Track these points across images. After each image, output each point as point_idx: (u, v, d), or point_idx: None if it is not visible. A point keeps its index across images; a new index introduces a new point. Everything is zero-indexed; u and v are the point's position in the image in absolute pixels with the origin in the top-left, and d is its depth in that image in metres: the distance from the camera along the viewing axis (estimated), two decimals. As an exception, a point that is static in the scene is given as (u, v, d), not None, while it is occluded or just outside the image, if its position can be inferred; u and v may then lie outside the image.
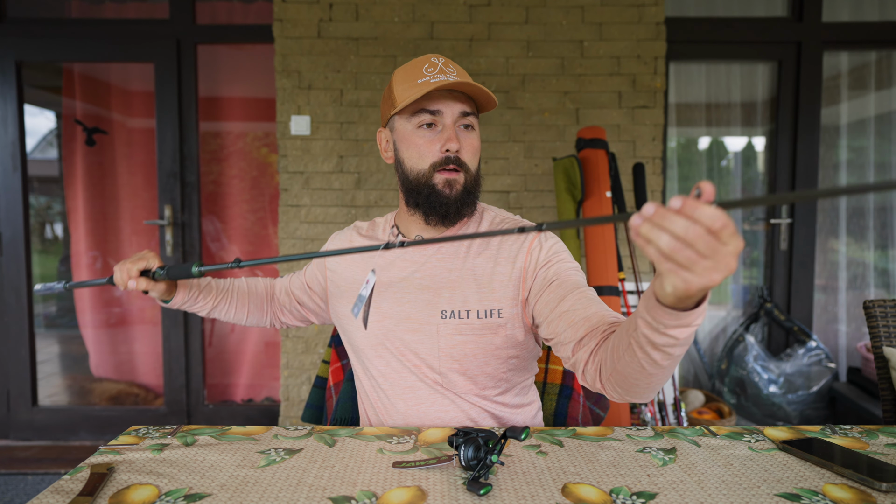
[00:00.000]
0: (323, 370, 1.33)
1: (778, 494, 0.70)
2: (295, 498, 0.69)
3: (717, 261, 0.49)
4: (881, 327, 1.38)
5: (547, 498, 0.69)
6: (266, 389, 2.85)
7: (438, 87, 0.89)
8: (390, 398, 1.00)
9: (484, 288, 0.95)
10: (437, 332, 0.95)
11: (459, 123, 0.94)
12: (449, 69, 0.93)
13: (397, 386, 0.99)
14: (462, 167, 0.94)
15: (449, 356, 0.95)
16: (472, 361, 0.95)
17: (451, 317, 0.94)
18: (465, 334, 0.94)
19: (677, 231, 0.48)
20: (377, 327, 0.99)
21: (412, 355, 0.97)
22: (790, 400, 2.56)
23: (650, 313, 0.61)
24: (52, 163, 2.84)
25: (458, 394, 0.98)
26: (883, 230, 2.81)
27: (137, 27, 2.62)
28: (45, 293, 0.99)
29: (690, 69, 2.82)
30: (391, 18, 2.47)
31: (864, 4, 2.74)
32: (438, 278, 0.97)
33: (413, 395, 0.99)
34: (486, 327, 0.94)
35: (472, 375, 0.96)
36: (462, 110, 0.94)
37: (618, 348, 0.71)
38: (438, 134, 0.93)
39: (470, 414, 0.99)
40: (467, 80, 0.91)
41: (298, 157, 2.50)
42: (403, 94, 0.93)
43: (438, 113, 0.93)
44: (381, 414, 1.03)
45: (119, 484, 0.72)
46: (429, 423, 0.99)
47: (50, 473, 2.32)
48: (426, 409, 0.98)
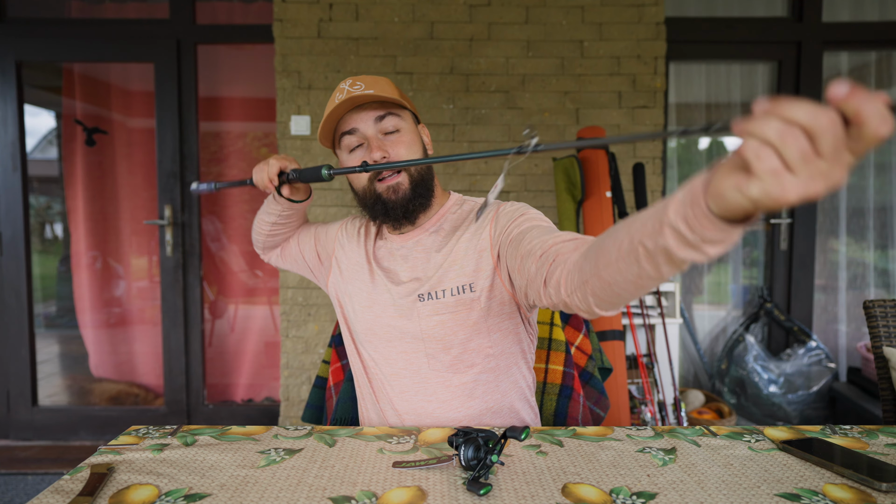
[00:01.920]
0: (323, 370, 1.33)
1: (778, 494, 0.70)
2: (295, 498, 0.69)
3: (834, 165, 0.39)
4: (881, 327, 1.38)
5: (547, 498, 0.69)
6: (266, 389, 2.85)
7: (337, 109, 0.94)
8: (383, 384, 1.04)
9: (455, 265, 0.98)
10: (418, 314, 0.97)
11: (380, 131, 0.97)
12: (355, 87, 0.94)
13: (388, 370, 1.02)
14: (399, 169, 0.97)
15: (431, 336, 0.97)
16: (454, 338, 0.97)
17: (428, 298, 0.97)
18: (442, 313, 0.96)
19: (800, 117, 0.39)
20: (367, 313, 1.03)
21: (398, 340, 1.01)
22: (790, 400, 2.56)
23: (690, 224, 0.49)
24: (52, 163, 2.84)
25: (448, 372, 0.99)
26: (883, 230, 2.81)
27: (137, 27, 2.62)
28: (198, 192, 1.07)
29: (690, 69, 2.82)
30: (391, 18, 2.46)
31: (865, 4, 2.74)
32: (419, 268, 1.02)
33: (406, 378, 1.01)
34: (460, 303, 0.96)
35: (458, 353, 0.98)
36: (375, 116, 0.96)
37: (605, 254, 0.62)
38: (365, 150, 0.97)
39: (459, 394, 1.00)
40: (374, 89, 0.94)
41: (298, 157, 2.50)
42: (322, 130, 1.00)
43: (355, 131, 0.97)
44: (379, 401, 1.05)
45: (119, 484, 0.72)
46: (421, 408, 1.00)
47: (50, 473, 2.32)
48: (417, 392, 1.00)
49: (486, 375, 1.00)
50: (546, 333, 1.24)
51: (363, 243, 1.10)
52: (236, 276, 2.83)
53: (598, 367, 1.33)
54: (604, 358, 1.35)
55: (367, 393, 1.07)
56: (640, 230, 0.56)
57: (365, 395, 1.09)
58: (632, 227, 0.58)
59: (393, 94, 0.96)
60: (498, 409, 1.02)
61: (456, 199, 1.08)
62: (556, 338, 1.25)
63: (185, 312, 2.68)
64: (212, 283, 2.80)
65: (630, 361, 2.32)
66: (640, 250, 0.56)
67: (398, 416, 1.02)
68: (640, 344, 2.41)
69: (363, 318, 1.04)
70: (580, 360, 1.30)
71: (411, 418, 1.01)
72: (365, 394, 1.08)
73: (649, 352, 2.30)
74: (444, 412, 1.00)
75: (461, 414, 1.00)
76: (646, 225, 0.55)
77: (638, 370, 2.28)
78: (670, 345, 2.32)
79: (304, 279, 2.52)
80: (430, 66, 2.48)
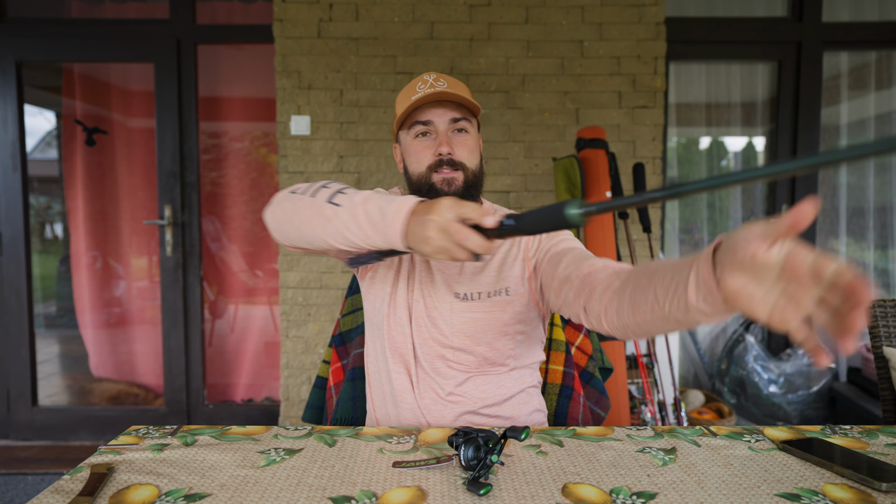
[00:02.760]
0: (323, 370, 1.33)
1: (778, 494, 0.70)
2: (295, 498, 0.69)
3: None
4: (881, 327, 1.38)
5: (547, 498, 0.69)
6: (266, 389, 2.85)
7: (421, 98, 0.99)
8: (416, 377, 1.04)
9: (493, 270, 1.04)
10: (451, 309, 1.03)
11: (452, 129, 1.03)
12: (439, 83, 1.02)
13: (414, 361, 1.04)
14: (458, 166, 1.02)
15: (461, 332, 1.02)
16: (483, 336, 1.02)
17: (466, 298, 1.03)
18: (476, 312, 1.03)
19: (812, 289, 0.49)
20: (403, 300, 1.06)
21: (427, 331, 1.04)
22: (790, 400, 2.56)
23: (711, 309, 0.58)
24: (52, 163, 2.84)
25: (464, 370, 1.03)
26: (883, 230, 2.81)
27: (137, 27, 2.62)
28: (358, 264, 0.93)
29: (690, 69, 2.82)
30: (391, 18, 2.46)
31: (865, 4, 2.74)
32: (453, 265, 1.06)
33: (433, 374, 1.03)
34: (495, 305, 1.03)
35: (482, 352, 1.03)
36: (452, 117, 1.02)
37: (641, 312, 0.71)
38: (433, 141, 1.03)
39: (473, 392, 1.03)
40: (456, 90, 1.01)
41: (298, 157, 2.50)
42: (400, 110, 1.05)
43: (430, 122, 1.02)
44: (396, 393, 1.05)
45: (119, 484, 0.72)
46: (443, 405, 1.01)
47: (50, 473, 2.32)
48: (433, 386, 1.03)
49: (506, 374, 1.05)
50: (546, 333, 1.24)
51: None
52: (236, 276, 2.83)
53: (599, 367, 1.33)
54: (604, 358, 1.35)
55: (388, 390, 1.07)
56: (669, 304, 0.64)
57: (387, 392, 1.08)
58: (658, 293, 0.66)
59: (471, 103, 1.03)
60: (513, 405, 1.06)
61: (488, 205, 1.15)
62: (556, 338, 1.25)
63: (185, 312, 2.68)
64: (212, 283, 2.80)
65: (630, 361, 2.32)
66: (672, 320, 0.66)
67: (420, 412, 1.03)
68: (640, 344, 2.41)
69: (400, 305, 1.06)
70: (580, 360, 1.30)
71: (433, 416, 1.03)
72: (387, 391, 1.08)
73: (649, 352, 2.30)
74: (460, 410, 1.03)
75: (478, 413, 1.04)
76: (672, 301, 0.63)
77: (638, 370, 2.28)
78: (670, 345, 2.32)
79: (304, 279, 2.52)
80: (430, 66, 2.48)
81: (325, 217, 0.84)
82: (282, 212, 0.92)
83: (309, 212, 0.86)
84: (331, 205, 0.84)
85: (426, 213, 0.73)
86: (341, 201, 0.83)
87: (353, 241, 0.82)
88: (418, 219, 0.74)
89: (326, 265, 2.52)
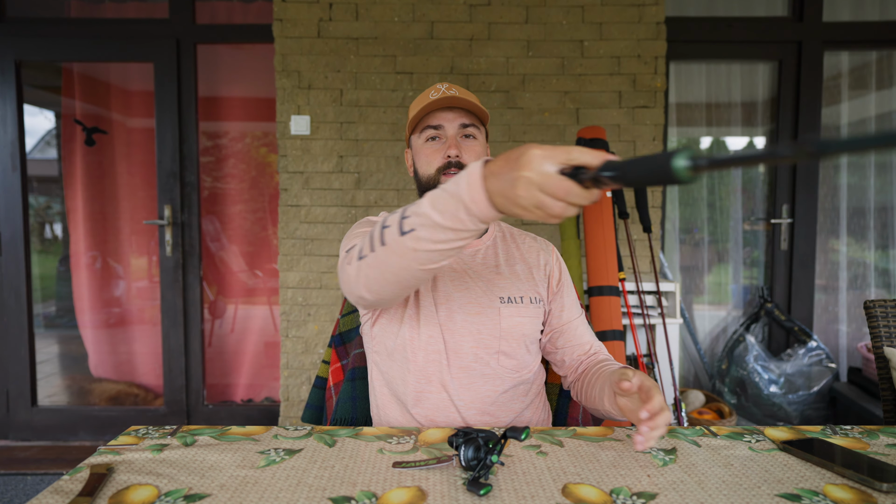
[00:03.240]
0: (323, 370, 1.33)
1: (778, 495, 0.70)
2: (295, 498, 0.69)
3: None
4: (882, 327, 1.38)
5: (547, 498, 0.69)
6: (266, 389, 2.85)
7: (434, 103, 1.05)
8: (426, 385, 1.04)
9: (528, 279, 1.12)
10: (499, 314, 1.06)
11: (461, 134, 1.08)
12: (451, 91, 1.08)
13: (448, 370, 1.03)
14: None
15: (511, 335, 1.06)
16: (523, 340, 1.07)
17: (510, 301, 1.07)
18: (524, 316, 1.07)
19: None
20: (441, 309, 1.05)
21: (471, 337, 1.04)
22: (791, 400, 2.56)
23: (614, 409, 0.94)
24: (52, 163, 2.84)
25: (498, 374, 1.05)
26: (884, 230, 2.81)
27: (137, 27, 2.62)
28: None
29: (691, 69, 2.82)
30: (391, 18, 2.46)
31: (865, 4, 2.74)
32: (489, 268, 1.11)
33: (465, 377, 1.04)
34: (538, 312, 1.10)
35: (517, 355, 1.07)
36: (461, 122, 1.08)
37: (589, 394, 1.04)
38: (442, 144, 1.08)
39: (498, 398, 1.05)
40: (465, 97, 1.06)
41: (298, 157, 2.49)
42: (413, 115, 1.11)
43: (440, 127, 1.08)
44: (411, 396, 1.04)
45: (119, 484, 0.72)
46: (469, 404, 1.03)
47: (49, 474, 2.31)
48: (470, 390, 1.03)
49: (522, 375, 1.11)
50: (546, 333, 1.24)
51: None
52: (236, 276, 2.83)
53: (599, 367, 1.32)
54: (604, 358, 1.34)
55: (396, 384, 1.07)
56: (600, 388, 1.00)
57: (391, 384, 1.08)
58: (599, 385, 1.00)
59: (480, 110, 1.08)
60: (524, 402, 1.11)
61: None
62: (556, 338, 1.25)
63: (184, 312, 2.68)
64: (211, 283, 2.80)
65: (630, 361, 2.32)
66: (601, 406, 0.99)
67: (457, 410, 1.03)
68: (641, 344, 2.41)
69: (434, 314, 1.04)
70: (580, 360, 1.30)
71: (472, 414, 1.03)
72: (390, 385, 1.08)
73: (650, 352, 2.29)
74: (495, 407, 1.05)
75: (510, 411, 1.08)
76: (601, 391, 0.98)
77: (638, 370, 2.27)
78: (670, 345, 2.32)
79: (304, 279, 2.52)
80: (430, 66, 2.48)
81: (411, 249, 0.74)
82: (370, 282, 0.83)
83: (393, 260, 0.76)
84: (406, 235, 0.73)
85: (513, 169, 0.62)
86: (411, 224, 0.73)
87: (449, 246, 0.72)
88: (504, 178, 0.63)
89: (326, 265, 2.52)
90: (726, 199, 2.89)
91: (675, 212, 2.89)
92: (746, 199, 2.89)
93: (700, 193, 2.89)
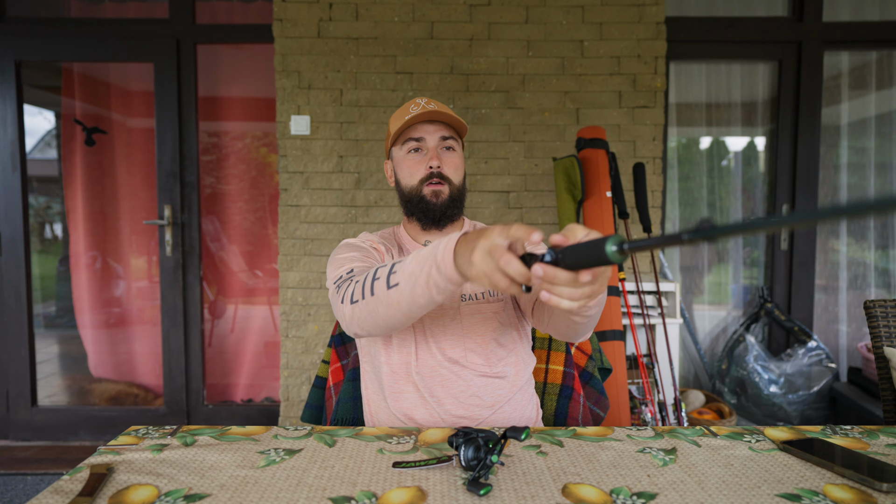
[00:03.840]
0: (323, 370, 1.33)
1: (778, 495, 0.70)
2: (295, 498, 0.69)
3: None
4: (882, 327, 1.38)
5: (547, 498, 0.69)
6: (266, 389, 2.85)
7: (416, 117, 1.09)
8: (401, 385, 1.07)
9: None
10: (459, 312, 1.07)
11: (441, 146, 1.13)
12: (430, 106, 1.11)
13: (421, 371, 1.06)
14: (445, 180, 1.12)
15: (473, 332, 1.07)
16: (491, 335, 1.08)
17: (470, 299, 1.08)
18: (485, 313, 1.08)
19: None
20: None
21: (435, 339, 1.07)
22: (791, 400, 2.56)
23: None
24: (52, 163, 2.84)
25: (469, 370, 1.06)
26: (884, 230, 2.81)
27: (137, 27, 2.62)
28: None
29: (691, 69, 2.82)
30: (391, 18, 2.46)
31: (865, 4, 2.74)
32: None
33: (430, 379, 1.06)
34: (501, 306, 1.10)
35: (485, 351, 1.07)
36: (442, 135, 1.13)
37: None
38: (424, 156, 1.13)
39: (476, 390, 1.06)
40: (444, 111, 1.10)
41: (298, 157, 2.49)
42: (394, 128, 1.14)
43: (422, 139, 1.12)
44: (390, 402, 1.07)
45: (119, 484, 0.72)
46: (470, 405, 1.03)
47: (49, 474, 2.31)
48: (442, 387, 1.05)
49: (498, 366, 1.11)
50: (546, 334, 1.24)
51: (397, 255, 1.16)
52: (236, 276, 2.83)
53: (598, 367, 1.33)
54: (604, 358, 1.35)
55: (381, 389, 1.09)
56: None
57: (376, 388, 1.10)
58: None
59: (458, 123, 1.13)
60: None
61: (469, 224, 1.23)
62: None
63: (184, 312, 2.68)
64: (211, 283, 2.80)
65: (630, 361, 2.32)
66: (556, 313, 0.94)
67: (442, 408, 1.05)
68: (641, 344, 2.41)
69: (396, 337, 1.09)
70: (580, 361, 1.30)
71: (447, 410, 1.05)
72: (377, 388, 1.10)
73: (650, 352, 2.29)
74: (475, 405, 1.06)
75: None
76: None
77: (638, 370, 2.27)
78: (670, 345, 2.32)
79: (304, 279, 2.52)
80: (430, 66, 2.48)
81: (395, 301, 0.83)
82: (363, 324, 0.91)
83: (381, 309, 0.86)
84: (392, 289, 0.83)
85: (475, 238, 0.71)
86: (397, 279, 0.82)
87: (426, 300, 0.81)
88: (467, 245, 0.72)
89: (326, 265, 2.52)
90: (726, 199, 2.89)
91: (676, 212, 2.89)
92: (746, 199, 2.89)
93: (700, 194, 2.89)
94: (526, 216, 2.52)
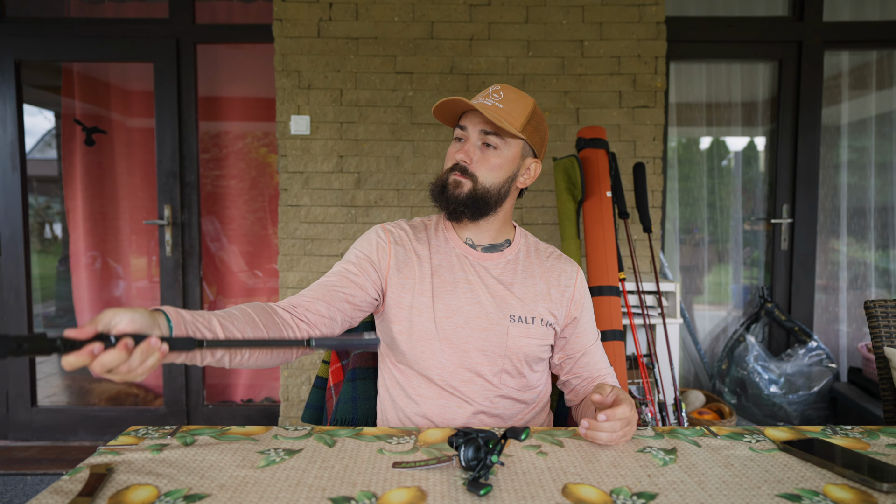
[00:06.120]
0: (323, 370, 1.33)
1: (779, 495, 0.70)
2: (295, 498, 0.68)
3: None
4: (882, 327, 1.38)
5: (547, 498, 0.69)
6: (266, 389, 2.85)
7: (449, 101, 1.02)
8: (436, 393, 1.05)
9: (544, 298, 1.09)
10: (507, 333, 1.05)
11: (481, 141, 1.05)
12: (496, 96, 1.04)
13: (452, 381, 1.04)
14: (469, 176, 1.04)
15: (515, 355, 1.05)
16: (527, 360, 1.07)
17: (520, 321, 1.05)
18: (532, 337, 1.06)
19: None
20: (447, 322, 1.04)
21: (476, 352, 1.04)
22: (791, 400, 2.56)
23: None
24: (52, 162, 2.84)
25: (502, 391, 1.06)
26: (884, 230, 2.81)
27: (137, 27, 2.62)
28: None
29: (691, 69, 2.82)
30: (391, 18, 2.46)
31: (865, 4, 2.74)
32: (505, 283, 1.08)
33: (466, 390, 1.05)
34: (547, 334, 1.08)
35: (520, 374, 1.07)
36: (482, 129, 1.04)
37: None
38: (462, 145, 1.06)
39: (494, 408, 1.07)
40: (503, 106, 1.02)
41: (298, 157, 2.49)
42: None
43: (465, 128, 1.06)
44: (416, 407, 1.06)
45: (118, 484, 0.72)
46: (467, 418, 1.04)
47: (49, 474, 2.31)
48: (469, 404, 1.05)
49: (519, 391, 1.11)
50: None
51: (444, 248, 1.11)
52: (236, 276, 2.82)
53: (599, 367, 1.32)
54: (604, 358, 1.34)
55: (405, 394, 1.08)
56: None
57: (399, 394, 1.09)
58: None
59: (515, 121, 1.03)
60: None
61: (520, 231, 1.18)
62: (556, 338, 1.25)
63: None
64: (211, 283, 2.80)
65: (630, 361, 2.32)
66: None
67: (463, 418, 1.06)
68: (641, 344, 2.41)
69: (441, 326, 1.04)
70: (580, 360, 1.30)
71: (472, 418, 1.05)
72: (400, 393, 1.09)
73: (650, 352, 2.29)
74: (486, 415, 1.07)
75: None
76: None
77: (638, 370, 2.27)
78: (671, 345, 2.32)
79: (304, 279, 2.52)
80: (430, 66, 2.47)
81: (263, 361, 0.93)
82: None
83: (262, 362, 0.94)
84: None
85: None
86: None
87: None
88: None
89: (326, 265, 2.52)
90: (726, 199, 2.89)
91: (676, 212, 2.89)
92: (747, 199, 2.89)
93: (700, 193, 2.89)
94: (526, 216, 2.52)
